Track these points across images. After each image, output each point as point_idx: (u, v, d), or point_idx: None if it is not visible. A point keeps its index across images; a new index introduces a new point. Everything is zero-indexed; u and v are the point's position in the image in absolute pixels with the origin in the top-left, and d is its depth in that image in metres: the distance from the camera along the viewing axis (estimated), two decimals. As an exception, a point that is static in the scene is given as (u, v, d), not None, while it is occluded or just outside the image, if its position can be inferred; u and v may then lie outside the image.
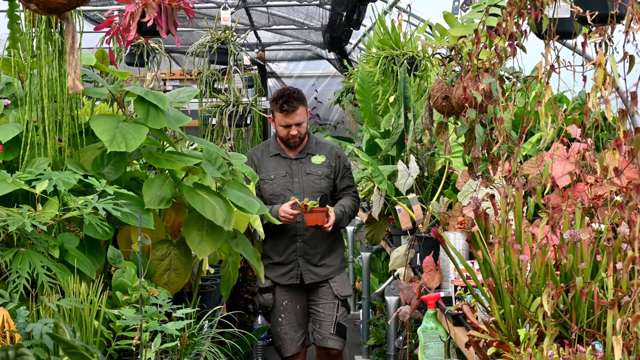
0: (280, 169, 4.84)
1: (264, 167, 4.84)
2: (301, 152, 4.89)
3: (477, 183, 3.69)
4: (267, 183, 4.82)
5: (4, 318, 2.18)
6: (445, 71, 2.95)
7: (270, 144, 4.93)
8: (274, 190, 4.80)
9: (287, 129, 4.75)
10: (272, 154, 4.87)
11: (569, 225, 2.47)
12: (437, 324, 3.45)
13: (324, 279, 4.89)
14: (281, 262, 4.87)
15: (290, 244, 4.85)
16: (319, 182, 4.83)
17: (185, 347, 2.73)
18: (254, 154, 4.92)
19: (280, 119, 4.72)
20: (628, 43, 2.10)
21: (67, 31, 2.64)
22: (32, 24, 2.91)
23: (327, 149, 4.95)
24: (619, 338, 1.86)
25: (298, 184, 4.81)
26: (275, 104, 4.71)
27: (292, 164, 4.87)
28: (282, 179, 4.82)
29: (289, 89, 4.74)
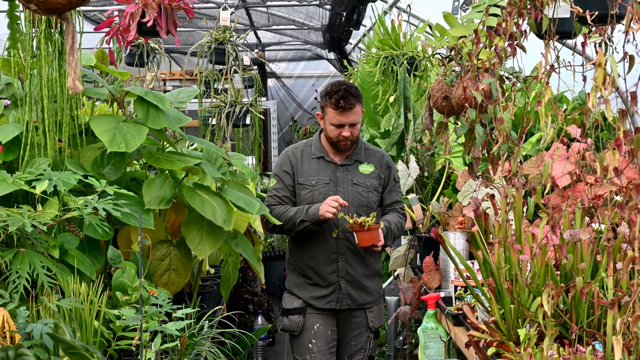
0: (324, 175, 4.14)
1: (304, 170, 4.16)
2: (348, 157, 4.18)
3: (477, 183, 3.69)
4: (307, 189, 4.13)
5: (4, 318, 2.18)
6: (445, 71, 2.95)
7: (312, 143, 4.23)
8: (315, 198, 4.09)
9: (339, 129, 4.04)
10: (314, 156, 4.18)
11: (569, 225, 2.47)
12: (437, 324, 3.45)
13: (360, 307, 4.21)
14: (320, 284, 4.16)
15: (331, 263, 4.14)
16: (366, 195, 4.14)
17: (185, 347, 2.73)
18: (293, 153, 4.22)
19: (333, 116, 4.02)
20: (628, 43, 2.10)
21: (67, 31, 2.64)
22: (32, 24, 2.91)
23: (377, 157, 4.24)
24: (619, 338, 1.86)
25: (343, 194, 4.10)
26: (328, 99, 4.01)
27: (338, 170, 4.16)
28: (325, 186, 4.12)
29: (345, 83, 4.05)
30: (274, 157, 8.25)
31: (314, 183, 4.12)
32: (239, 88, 6.34)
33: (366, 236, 3.91)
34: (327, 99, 4.01)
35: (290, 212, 4.05)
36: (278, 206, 4.10)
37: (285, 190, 4.13)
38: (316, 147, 4.19)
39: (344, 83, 4.03)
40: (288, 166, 4.15)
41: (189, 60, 6.86)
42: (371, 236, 3.90)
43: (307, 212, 4.00)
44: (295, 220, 4.02)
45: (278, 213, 4.06)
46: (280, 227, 4.05)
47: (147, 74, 6.39)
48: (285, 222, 4.04)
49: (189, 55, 6.69)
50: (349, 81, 4.16)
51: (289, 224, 4.04)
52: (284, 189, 4.12)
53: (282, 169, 4.16)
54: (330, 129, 4.05)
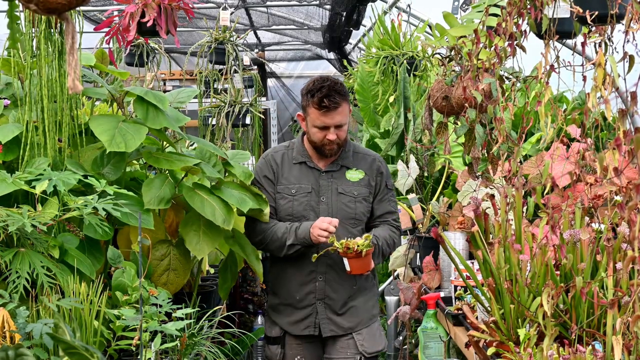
0: (305, 183, 3.59)
1: (283, 176, 3.61)
2: (333, 162, 3.62)
3: (477, 183, 3.69)
4: (286, 199, 3.58)
5: (4, 318, 2.18)
6: (445, 71, 2.95)
7: (294, 147, 3.66)
8: (294, 209, 3.56)
9: (323, 132, 3.49)
10: (295, 161, 3.62)
11: (569, 225, 2.47)
12: (437, 324, 3.45)
13: (347, 331, 3.63)
14: (293, 305, 3.61)
15: (308, 283, 3.58)
16: (353, 205, 3.58)
17: (185, 347, 2.73)
18: (273, 157, 3.65)
19: (315, 117, 3.47)
20: (628, 43, 2.10)
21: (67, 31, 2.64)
22: (31, 24, 2.91)
23: (367, 161, 3.66)
24: (619, 338, 1.86)
25: (326, 205, 3.57)
26: (310, 98, 3.46)
27: (321, 178, 3.60)
28: (306, 196, 3.57)
29: (329, 79, 3.50)
30: (274, 157, 8.25)
31: (294, 192, 3.57)
32: (239, 88, 6.34)
33: (360, 263, 3.32)
34: (309, 97, 3.47)
35: (278, 230, 3.50)
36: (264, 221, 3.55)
37: (269, 198, 3.57)
38: (298, 151, 3.63)
39: (327, 79, 3.49)
40: (269, 171, 3.61)
41: (189, 60, 6.87)
42: (366, 262, 3.33)
43: (296, 234, 3.47)
44: (284, 241, 3.48)
45: (263, 229, 3.50)
46: (264, 245, 3.55)
47: (147, 74, 6.39)
48: (272, 241, 3.51)
49: (188, 55, 6.70)
50: (332, 76, 3.54)
51: (275, 243, 3.51)
52: (267, 197, 3.56)
53: (262, 174, 3.61)
54: (314, 131, 3.51)
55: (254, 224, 3.53)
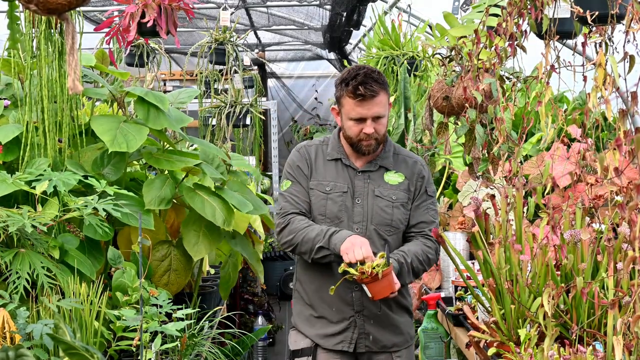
0: (341, 181, 3.21)
1: (318, 172, 3.24)
2: (371, 162, 3.23)
3: (478, 183, 3.68)
4: (319, 196, 3.19)
5: (4, 319, 2.18)
6: (446, 71, 2.95)
7: (328, 142, 3.29)
8: (328, 209, 3.17)
9: (360, 125, 3.11)
10: (330, 157, 3.25)
11: (570, 225, 2.47)
12: (437, 324, 3.45)
13: (384, 350, 3.23)
14: (329, 319, 3.20)
15: (345, 292, 3.15)
16: (390, 211, 3.18)
17: (185, 347, 2.73)
18: (307, 151, 3.29)
19: (351, 108, 3.10)
20: (628, 43, 2.10)
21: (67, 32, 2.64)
22: (32, 24, 2.91)
23: (409, 164, 3.27)
24: (620, 338, 1.86)
25: (361, 208, 3.17)
26: (345, 87, 3.10)
27: (357, 178, 3.21)
28: (341, 196, 3.18)
29: (365, 67, 3.14)
30: (274, 157, 8.24)
31: (329, 190, 3.19)
32: (239, 88, 6.34)
33: (379, 287, 2.94)
34: (343, 86, 3.11)
35: (312, 231, 3.09)
36: (298, 216, 3.15)
37: (304, 193, 3.20)
38: (333, 147, 3.26)
39: (363, 67, 3.13)
40: (304, 164, 3.24)
41: (189, 60, 6.86)
42: (386, 284, 2.94)
43: (329, 239, 3.04)
44: (315, 244, 3.06)
45: (297, 228, 3.11)
46: (295, 246, 3.12)
47: (147, 74, 6.39)
48: (303, 242, 3.09)
49: (189, 56, 6.69)
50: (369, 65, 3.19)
51: (306, 245, 3.09)
52: (302, 192, 3.19)
53: (297, 166, 3.23)
54: (349, 125, 3.13)
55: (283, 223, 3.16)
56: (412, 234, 3.21)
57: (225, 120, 6.12)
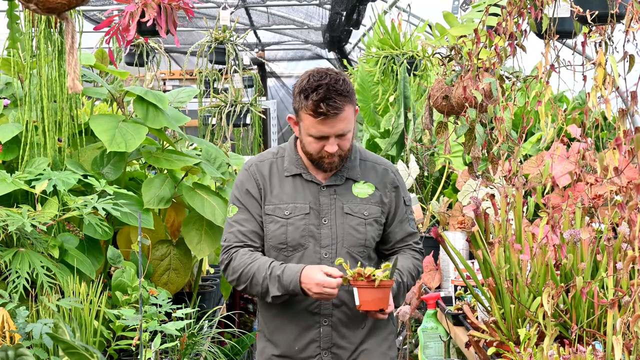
0: (301, 201, 2.74)
1: (273, 194, 2.75)
2: (336, 174, 2.77)
3: (477, 183, 3.68)
4: (278, 223, 2.73)
5: (4, 318, 2.18)
6: (445, 71, 2.94)
7: (284, 155, 2.81)
8: (289, 236, 2.72)
9: (320, 142, 2.66)
10: (288, 173, 2.77)
11: (569, 224, 2.47)
12: (437, 323, 3.45)
13: None
14: (292, 357, 2.78)
15: (309, 329, 2.75)
16: (363, 229, 2.77)
17: (185, 347, 2.73)
18: (258, 169, 2.78)
19: (310, 124, 2.64)
20: (628, 42, 2.10)
21: (67, 31, 2.63)
22: (31, 24, 2.90)
23: (377, 172, 2.84)
24: (619, 338, 1.85)
25: (329, 229, 2.74)
26: (303, 100, 2.62)
27: (322, 194, 2.75)
28: (304, 218, 2.73)
29: (328, 75, 2.63)
30: (274, 157, 8.25)
31: (288, 214, 2.72)
32: (238, 88, 6.34)
33: (373, 296, 2.57)
34: (302, 99, 2.62)
35: (257, 273, 2.65)
36: (240, 251, 2.70)
37: (253, 222, 2.73)
38: (290, 160, 2.78)
39: (325, 74, 2.63)
40: (253, 186, 2.75)
41: (189, 59, 6.86)
42: (381, 297, 2.57)
43: (280, 283, 2.62)
44: (266, 289, 2.65)
45: (240, 265, 2.67)
46: (243, 287, 2.69)
47: (147, 73, 6.39)
48: (251, 285, 2.67)
49: (188, 55, 6.69)
50: (331, 70, 2.70)
51: (256, 288, 2.67)
52: (250, 220, 2.73)
53: (245, 190, 2.75)
54: (309, 141, 2.67)
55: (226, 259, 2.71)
56: (397, 248, 2.86)
57: (225, 120, 6.12)
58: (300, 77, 2.69)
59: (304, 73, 2.70)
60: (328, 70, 2.66)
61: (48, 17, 2.86)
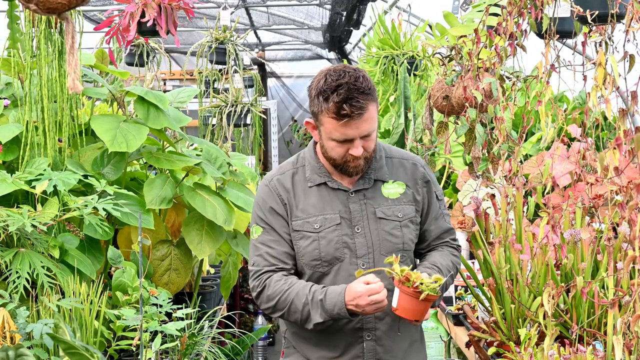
0: (330, 211, 2.54)
1: (299, 207, 2.55)
2: (363, 177, 2.58)
3: (478, 183, 3.69)
4: (309, 238, 2.53)
5: (4, 318, 2.18)
6: (446, 71, 2.94)
7: (305, 163, 2.60)
8: (322, 250, 2.51)
9: (344, 146, 2.46)
10: (311, 183, 2.57)
11: (570, 224, 2.47)
12: (437, 323, 3.45)
13: None
14: None
15: (354, 343, 2.54)
16: (399, 233, 2.57)
17: (185, 347, 2.73)
18: (280, 183, 2.57)
19: (333, 128, 2.43)
20: (628, 42, 2.10)
21: (67, 31, 2.63)
22: (31, 24, 2.91)
23: (407, 168, 2.65)
24: (620, 338, 1.86)
25: (363, 237, 2.54)
26: (324, 103, 2.42)
27: (351, 201, 2.56)
28: (336, 229, 2.53)
29: (347, 73, 2.43)
30: (274, 157, 8.24)
31: (318, 227, 2.52)
32: (239, 88, 6.34)
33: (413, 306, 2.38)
34: (321, 101, 2.42)
35: (296, 299, 2.45)
36: (274, 277, 2.50)
37: (281, 242, 2.53)
38: (312, 169, 2.58)
39: (343, 72, 2.43)
40: (277, 203, 2.54)
41: (189, 60, 6.86)
42: (421, 309, 2.40)
43: (324, 309, 2.42)
44: (307, 316, 2.45)
45: (275, 292, 2.48)
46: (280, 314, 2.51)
47: (147, 73, 6.39)
48: (290, 313, 2.47)
49: (189, 55, 6.69)
50: (349, 67, 2.48)
51: (295, 315, 2.47)
52: (278, 240, 2.53)
53: (270, 208, 2.55)
54: (331, 145, 2.47)
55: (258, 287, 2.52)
56: (433, 246, 2.68)
57: (225, 120, 6.12)
58: (316, 77, 2.50)
59: (319, 73, 2.50)
60: (346, 68, 2.46)
61: (48, 17, 2.86)
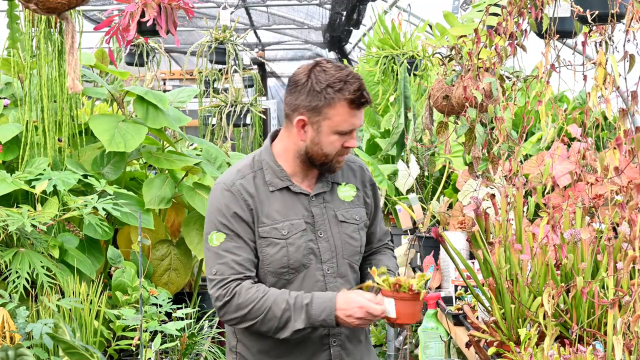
0: (294, 217, 2.45)
1: (264, 212, 2.43)
2: (320, 180, 2.52)
3: (478, 183, 3.69)
4: (277, 245, 2.42)
5: (4, 318, 2.18)
6: (446, 71, 2.94)
7: (263, 167, 2.48)
8: (291, 257, 2.43)
9: (343, 139, 2.42)
10: (273, 187, 2.45)
11: (570, 224, 2.47)
12: (437, 323, 3.44)
13: None
14: None
15: (319, 351, 2.47)
16: (357, 236, 2.55)
17: (185, 347, 2.73)
18: (243, 186, 2.43)
19: (344, 119, 2.39)
20: (628, 42, 2.10)
21: (67, 31, 2.63)
22: (31, 24, 2.91)
23: (355, 171, 2.63)
24: (620, 338, 1.85)
25: (326, 242, 2.49)
26: (338, 93, 2.37)
27: (312, 204, 2.49)
28: (302, 235, 2.45)
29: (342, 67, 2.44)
30: (274, 157, 8.22)
31: (286, 233, 2.43)
32: (239, 88, 6.34)
33: (412, 309, 2.36)
34: (335, 92, 2.36)
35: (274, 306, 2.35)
36: (244, 284, 2.36)
37: (246, 249, 2.40)
38: (274, 172, 2.46)
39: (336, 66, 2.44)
40: (243, 208, 2.41)
41: (189, 59, 6.86)
42: (419, 310, 2.39)
43: (308, 315, 2.34)
44: (285, 323, 2.35)
45: (249, 301, 2.35)
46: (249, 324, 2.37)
47: (147, 73, 6.39)
48: (263, 321, 2.35)
49: (188, 55, 6.69)
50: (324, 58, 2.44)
51: (269, 324, 2.35)
52: (243, 247, 2.39)
53: (231, 212, 2.40)
54: (332, 140, 2.40)
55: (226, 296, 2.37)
56: (375, 249, 2.67)
57: (225, 120, 6.12)
58: (303, 74, 2.43)
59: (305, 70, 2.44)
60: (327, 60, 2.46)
61: (48, 17, 2.86)
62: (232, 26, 6.39)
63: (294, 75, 2.47)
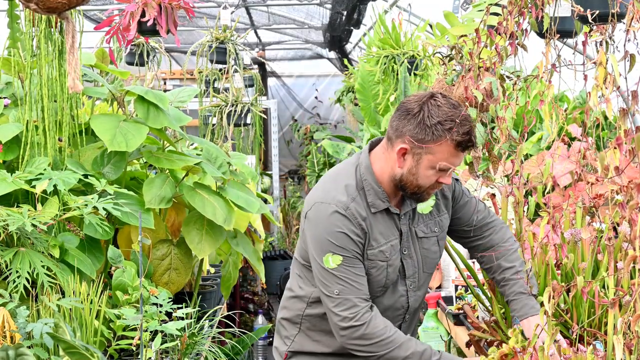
0: (392, 238, 2.51)
1: (373, 235, 2.48)
2: (404, 199, 2.55)
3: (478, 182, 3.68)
4: (380, 267, 2.49)
5: (4, 318, 2.18)
6: (446, 70, 2.94)
7: (363, 186, 2.49)
8: (388, 277, 2.51)
9: (438, 175, 2.43)
10: (376, 209, 2.48)
11: (570, 224, 2.47)
12: (437, 323, 3.44)
13: None
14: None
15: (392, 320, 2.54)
16: (436, 247, 2.62)
17: (185, 346, 2.73)
18: (357, 211, 2.45)
19: (445, 157, 2.40)
20: (629, 42, 2.10)
21: (67, 30, 2.63)
22: (31, 23, 2.90)
23: None
24: (620, 337, 1.85)
25: (410, 258, 2.56)
26: (447, 132, 2.38)
27: (402, 223, 2.54)
28: (398, 256, 2.52)
29: (455, 106, 2.45)
30: (274, 157, 8.23)
31: (388, 255, 2.48)
32: (239, 87, 6.34)
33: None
34: (444, 130, 2.37)
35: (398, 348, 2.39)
36: (374, 316, 2.42)
37: (362, 270, 2.46)
38: (375, 194, 2.48)
39: (454, 104, 2.45)
40: (359, 232, 2.44)
41: (190, 59, 6.86)
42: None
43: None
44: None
45: (375, 335, 2.40)
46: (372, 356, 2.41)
47: (147, 73, 6.39)
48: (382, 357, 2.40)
49: (189, 55, 6.69)
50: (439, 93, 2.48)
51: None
52: (360, 267, 2.45)
53: (348, 236, 2.42)
54: (429, 174, 2.41)
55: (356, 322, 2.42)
56: (486, 231, 2.66)
57: (225, 119, 6.12)
58: (418, 103, 2.43)
59: (419, 98, 2.45)
60: (443, 95, 2.46)
61: (48, 16, 2.86)
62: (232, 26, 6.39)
63: (407, 101, 2.46)
